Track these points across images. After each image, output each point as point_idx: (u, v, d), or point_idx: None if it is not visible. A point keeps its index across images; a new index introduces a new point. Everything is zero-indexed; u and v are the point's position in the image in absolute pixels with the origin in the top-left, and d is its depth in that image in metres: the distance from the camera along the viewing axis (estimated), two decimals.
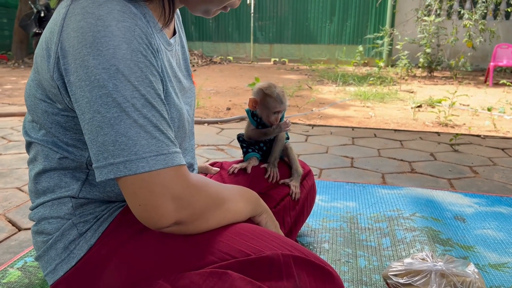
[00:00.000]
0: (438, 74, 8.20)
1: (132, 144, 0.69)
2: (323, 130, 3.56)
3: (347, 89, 6.07)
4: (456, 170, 2.50)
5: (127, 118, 0.69)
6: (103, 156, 0.71)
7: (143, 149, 0.70)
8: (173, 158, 0.73)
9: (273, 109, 1.40)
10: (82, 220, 0.90)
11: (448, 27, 7.98)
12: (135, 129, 0.70)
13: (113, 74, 0.69)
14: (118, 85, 0.69)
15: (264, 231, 0.89)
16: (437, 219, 1.76)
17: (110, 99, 0.69)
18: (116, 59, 0.69)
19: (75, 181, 0.90)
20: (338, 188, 2.11)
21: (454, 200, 1.98)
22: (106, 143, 0.70)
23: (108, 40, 0.69)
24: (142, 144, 0.70)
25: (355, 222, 1.73)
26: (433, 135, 3.44)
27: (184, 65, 1.10)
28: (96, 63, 0.69)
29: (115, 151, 0.69)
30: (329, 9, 10.02)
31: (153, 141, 0.71)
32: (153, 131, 0.71)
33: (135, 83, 0.71)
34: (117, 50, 0.70)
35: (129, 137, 0.69)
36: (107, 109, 0.69)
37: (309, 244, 1.54)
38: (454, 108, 4.29)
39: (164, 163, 0.71)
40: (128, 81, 0.70)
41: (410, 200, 1.96)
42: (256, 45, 10.69)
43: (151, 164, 0.70)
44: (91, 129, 0.71)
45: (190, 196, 0.75)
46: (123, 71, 0.70)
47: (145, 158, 0.70)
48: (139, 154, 0.69)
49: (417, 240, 1.55)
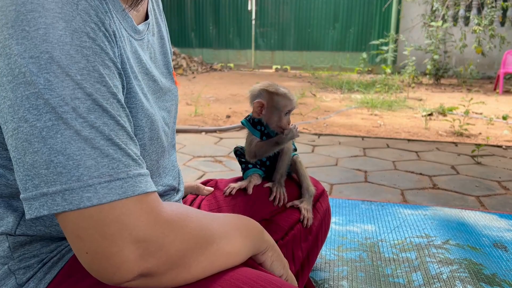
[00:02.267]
0: (445, 82, 7.94)
1: (73, 165, 0.48)
2: (331, 139, 3.28)
3: (353, 96, 5.81)
4: (484, 185, 2.22)
5: (65, 129, 0.48)
6: (32, 184, 0.48)
7: (89, 173, 0.48)
8: (134, 184, 0.50)
9: (284, 108, 1.14)
10: (23, 266, 0.65)
11: (454, 33, 7.75)
12: (78, 143, 0.48)
13: (45, 65, 0.48)
14: (52, 81, 0.48)
15: (269, 281, 0.62)
16: (475, 248, 1.48)
17: (41, 101, 0.48)
18: (49, 44, 0.48)
19: (10, 213, 0.64)
20: (353, 207, 1.83)
21: (489, 222, 1.70)
22: (37, 164, 0.48)
23: (37, 17, 0.48)
24: (87, 165, 0.48)
25: (377, 251, 1.45)
26: (450, 145, 3.16)
27: (162, 61, 0.84)
28: (21, 50, 0.48)
29: (49, 176, 0.47)
30: (332, 15, 9.79)
31: (104, 160, 0.49)
32: (104, 146, 0.49)
33: (76, 78, 0.49)
34: (50, 29, 0.48)
35: (68, 156, 0.47)
36: (37, 116, 0.48)
37: (324, 281, 1.26)
38: (468, 116, 4.02)
39: (121, 192, 0.49)
40: (67, 74, 0.48)
41: (438, 223, 1.67)
42: (257, 52, 10.45)
43: (101, 194, 0.48)
44: (17, 145, 0.49)
45: (161, 236, 0.52)
46: (59, 60, 0.48)
47: (92, 186, 0.48)
48: (83, 180, 0.48)
49: (456, 277, 1.26)
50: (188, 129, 3.50)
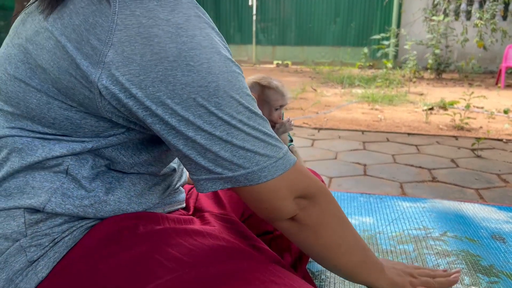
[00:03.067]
0: (447, 76, 7.91)
1: (251, 156, 0.64)
2: (331, 133, 3.28)
3: (354, 91, 5.80)
4: (483, 178, 2.22)
5: (239, 133, 0.63)
6: (216, 171, 0.64)
7: (263, 159, 0.65)
8: (288, 159, 0.68)
9: (275, 103, 1.14)
10: (34, 243, 0.66)
11: (456, 27, 7.71)
12: (251, 141, 0.64)
13: (214, 92, 0.60)
14: (221, 103, 0.61)
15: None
16: (472, 239, 1.47)
17: (214, 118, 0.61)
18: (213, 75, 0.60)
19: (42, 188, 0.66)
20: (352, 200, 1.83)
21: (488, 214, 1.70)
22: (219, 158, 0.63)
23: (199, 53, 0.59)
24: (261, 153, 0.65)
25: (375, 243, 1.45)
26: (451, 139, 3.16)
27: None
28: (189, 80, 0.59)
29: (233, 165, 0.64)
30: (333, 10, 9.76)
31: (268, 147, 0.66)
32: (266, 139, 0.66)
33: (236, 97, 0.63)
34: (211, 63, 0.60)
35: (247, 150, 0.64)
36: (213, 128, 0.61)
37: (321, 272, 1.26)
38: (469, 110, 4.01)
39: (283, 167, 0.67)
40: (230, 97, 0.62)
41: (437, 215, 1.67)
42: (258, 47, 10.44)
43: (272, 171, 0.66)
44: (192, 146, 0.63)
45: (314, 190, 0.74)
46: (224, 87, 0.61)
47: (266, 167, 0.65)
48: (260, 164, 0.65)
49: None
50: None
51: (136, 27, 0.57)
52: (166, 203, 0.82)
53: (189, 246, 0.70)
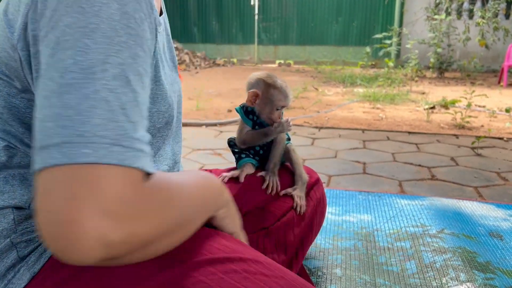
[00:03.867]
0: (449, 75, 7.89)
1: (80, 120, 0.45)
2: (331, 132, 3.28)
3: (355, 90, 5.79)
4: (483, 176, 2.22)
5: (85, 87, 0.47)
6: (37, 138, 0.47)
7: (94, 131, 0.45)
8: (136, 156, 0.48)
9: (278, 103, 1.14)
10: (24, 239, 0.66)
11: (458, 26, 7.69)
12: (92, 101, 0.47)
13: (89, 33, 0.49)
14: (91, 46, 0.49)
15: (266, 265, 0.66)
16: (470, 236, 1.48)
17: (70, 62, 0.48)
18: (98, 17, 0.50)
19: (25, 187, 0.67)
20: (350, 198, 1.83)
21: (486, 212, 1.70)
22: (46, 118, 0.47)
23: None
24: (94, 123, 0.46)
25: (372, 240, 1.46)
26: (451, 137, 3.15)
27: (169, 55, 0.87)
28: (71, 21, 0.50)
29: (53, 129, 0.46)
30: (335, 10, 9.75)
31: (111, 124, 0.47)
32: (116, 112, 0.48)
33: (115, 47, 0.50)
34: (104, 7, 0.51)
35: (79, 111, 0.46)
36: (62, 74, 0.48)
37: (318, 269, 1.27)
38: (470, 109, 4.00)
39: (120, 158, 0.46)
40: (107, 43, 0.50)
41: (435, 213, 1.67)
42: (260, 47, 10.44)
43: (100, 154, 0.45)
44: (38, 102, 0.49)
45: (134, 218, 0.48)
46: (104, 30, 0.50)
47: (94, 144, 0.45)
48: (85, 136, 0.45)
49: (449, 265, 1.26)
50: (189, 123, 3.51)
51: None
52: None
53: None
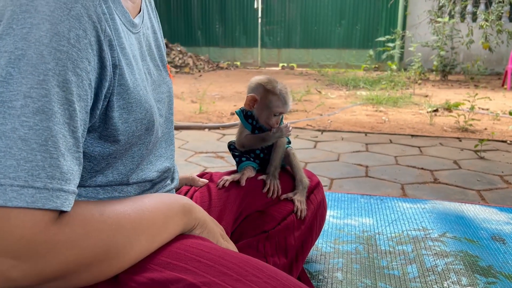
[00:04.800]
0: (453, 78, 7.87)
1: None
2: (334, 135, 3.28)
3: (358, 93, 5.79)
4: (485, 180, 2.21)
5: (4, 123, 0.47)
6: None
7: (6, 172, 0.46)
8: (49, 197, 0.49)
9: (275, 109, 1.14)
10: None
11: (462, 29, 7.67)
12: (7, 141, 0.47)
13: (14, 61, 0.49)
14: (14, 76, 0.49)
15: (254, 266, 0.65)
16: (472, 240, 1.47)
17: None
18: (26, 42, 0.49)
19: None
20: (352, 201, 1.83)
21: (488, 216, 1.69)
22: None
23: (27, 17, 0.50)
24: (7, 164, 0.47)
25: (374, 244, 1.45)
26: (454, 140, 3.14)
27: (157, 54, 0.87)
28: (1, 45, 0.50)
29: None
30: (338, 13, 9.75)
31: (26, 164, 0.48)
32: (34, 151, 0.48)
33: (39, 78, 0.49)
34: (33, 29, 0.50)
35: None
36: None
37: (319, 272, 1.27)
38: (474, 112, 3.99)
39: (30, 200, 0.47)
40: (30, 73, 0.49)
41: (437, 216, 1.67)
42: (263, 50, 10.44)
43: (9, 196, 0.46)
44: None
45: (40, 254, 0.49)
46: (30, 58, 0.49)
47: (3, 186, 0.46)
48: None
49: (451, 269, 1.26)
50: (191, 126, 3.51)
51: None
52: None
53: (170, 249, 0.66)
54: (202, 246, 0.68)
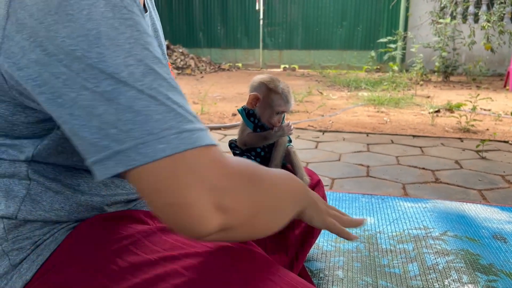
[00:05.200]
0: (455, 79, 7.87)
1: (142, 120, 0.49)
2: (335, 136, 3.28)
3: (360, 94, 5.79)
4: (487, 179, 2.21)
5: (127, 90, 0.49)
6: (102, 145, 0.49)
7: (160, 126, 0.49)
8: (201, 136, 0.51)
9: (277, 108, 1.15)
10: (16, 247, 0.66)
11: (463, 30, 7.67)
12: (142, 101, 0.49)
13: (94, 40, 0.50)
14: (104, 53, 0.50)
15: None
16: (473, 239, 1.47)
17: (96, 71, 0.49)
18: (94, 21, 0.50)
19: (10, 198, 0.66)
20: (353, 201, 1.83)
21: (490, 215, 1.69)
22: (104, 126, 0.49)
23: (79, 0, 0.50)
24: (156, 119, 0.49)
25: (375, 242, 1.45)
26: (456, 141, 3.14)
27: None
28: (68, 31, 0.50)
29: (120, 134, 0.48)
30: (340, 14, 9.76)
31: (170, 114, 0.50)
32: (167, 103, 0.51)
33: (125, 47, 0.51)
34: (92, 9, 0.50)
35: (136, 113, 0.49)
36: (96, 83, 0.49)
37: (320, 271, 1.27)
38: (475, 113, 3.99)
39: (191, 142, 0.50)
40: (116, 45, 0.50)
41: (438, 215, 1.67)
42: (265, 51, 10.45)
43: (174, 144, 0.49)
44: (78, 113, 0.50)
45: (234, 187, 0.54)
46: (106, 33, 0.50)
47: (165, 137, 0.49)
48: (154, 132, 0.48)
49: (452, 267, 1.26)
50: None
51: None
52: None
53: (172, 242, 0.67)
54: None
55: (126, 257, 0.64)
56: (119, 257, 0.64)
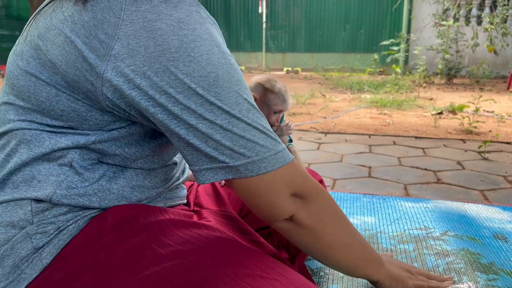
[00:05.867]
0: (458, 81, 7.85)
1: (251, 146, 0.67)
2: (337, 137, 3.28)
3: (362, 96, 5.79)
4: (489, 180, 2.21)
5: (239, 123, 0.67)
6: (218, 159, 0.67)
7: (263, 149, 0.68)
8: (287, 154, 0.72)
9: (274, 107, 1.16)
10: (40, 231, 0.69)
11: (466, 32, 7.66)
12: (251, 132, 0.68)
13: (214, 82, 0.64)
14: (221, 93, 0.65)
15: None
16: (473, 238, 1.47)
17: (214, 107, 0.65)
18: (213, 66, 0.64)
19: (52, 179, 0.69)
20: (355, 200, 1.83)
21: (491, 215, 1.69)
22: (221, 147, 0.66)
23: (199, 45, 0.63)
24: (261, 144, 0.68)
25: (375, 242, 1.46)
26: (458, 142, 3.14)
27: None
28: (189, 70, 0.62)
29: (234, 154, 0.67)
30: (343, 17, 9.78)
31: (268, 140, 0.70)
32: (265, 131, 0.70)
33: (235, 89, 0.67)
34: (211, 55, 0.64)
35: (247, 139, 0.67)
36: (214, 116, 0.65)
37: (320, 269, 1.27)
38: (478, 114, 3.98)
39: (283, 160, 0.71)
40: (229, 87, 0.66)
41: (439, 215, 1.67)
42: (268, 54, 10.49)
43: (272, 163, 0.69)
44: (196, 134, 0.66)
45: (311, 191, 0.78)
46: (223, 77, 0.65)
47: (267, 158, 0.69)
48: (260, 155, 0.68)
49: (452, 268, 1.26)
50: None
51: (141, 21, 0.61)
52: (167, 198, 0.84)
53: (184, 236, 0.72)
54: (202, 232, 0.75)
55: (142, 250, 0.68)
56: (135, 248, 0.68)
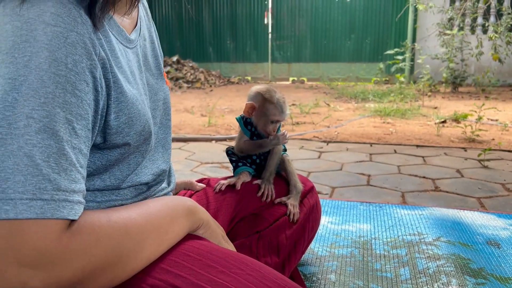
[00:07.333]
0: (463, 90, 7.85)
1: (2, 178, 0.51)
2: (339, 146, 3.32)
3: (367, 105, 5.82)
4: (487, 187, 2.23)
5: (10, 143, 0.52)
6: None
7: (15, 187, 0.51)
8: (56, 207, 0.53)
9: (272, 117, 1.21)
10: None
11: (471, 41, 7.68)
12: (15, 158, 0.52)
13: (18, 86, 0.54)
14: (19, 100, 0.54)
15: (240, 260, 0.71)
16: (466, 244, 1.50)
17: (0, 116, 0.53)
18: (27, 69, 0.55)
19: None
20: (351, 208, 1.87)
21: (486, 222, 1.71)
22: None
23: (27, 46, 0.56)
24: (16, 180, 0.52)
25: (369, 248, 1.49)
26: (459, 150, 3.16)
27: (154, 63, 0.93)
28: (5, 72, 0.55)
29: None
30: (348, 27, 9.84)
31: (33, 179, 0.52)
32: (39, 166, 0.53)
33: (39, 100, 0.55)
34: (33, 58, 0.56)
35: (2, 169, 0.52)
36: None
37: (313, 274, 1.31)
38: (481, 122, 3.99)
39: (39, 212, 0.52)
40: (32, 96, 0.54)
41: (433, 222, 1.70)
42: (274, 65, 10.56)
43: (19, 209, 0.51)
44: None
45: (55, 262, 0.54)
46: (31, 83, 0.55)
47: (13, 200, 0.51)
48: (6, 192, 0.51)
49: (442, 271, 1.29)
50: (199, 138, 3.59)
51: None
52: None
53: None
54: (193, 243, 0.74)
55: None
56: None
